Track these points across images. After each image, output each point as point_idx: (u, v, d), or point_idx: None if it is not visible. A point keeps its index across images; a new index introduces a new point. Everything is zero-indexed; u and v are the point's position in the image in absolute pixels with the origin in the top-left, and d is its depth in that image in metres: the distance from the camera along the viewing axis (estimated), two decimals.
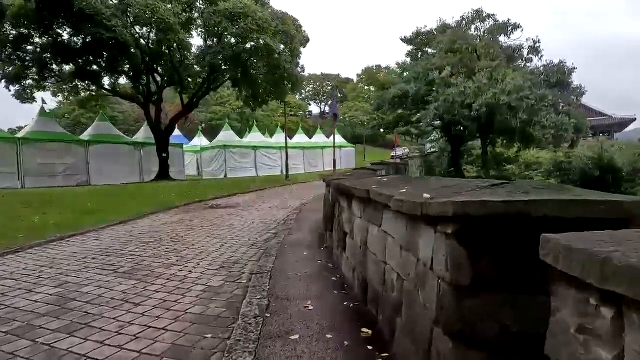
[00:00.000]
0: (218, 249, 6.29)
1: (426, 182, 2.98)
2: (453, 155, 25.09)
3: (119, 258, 5.70)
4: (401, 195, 2.34)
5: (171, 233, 7.83)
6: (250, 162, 28.82)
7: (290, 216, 9.78)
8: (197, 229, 8.32)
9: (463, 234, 1.71)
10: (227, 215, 10.48)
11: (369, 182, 3.83)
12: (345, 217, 4.40)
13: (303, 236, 6.94)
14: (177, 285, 4.39)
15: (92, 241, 7.11)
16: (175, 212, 11.61)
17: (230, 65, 20.17)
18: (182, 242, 6.82)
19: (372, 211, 3.26)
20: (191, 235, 7.57)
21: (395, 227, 2.67)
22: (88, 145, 21.41)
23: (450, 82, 18.07)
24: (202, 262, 5.40)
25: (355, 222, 3.90)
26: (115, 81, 23.26)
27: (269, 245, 6.25)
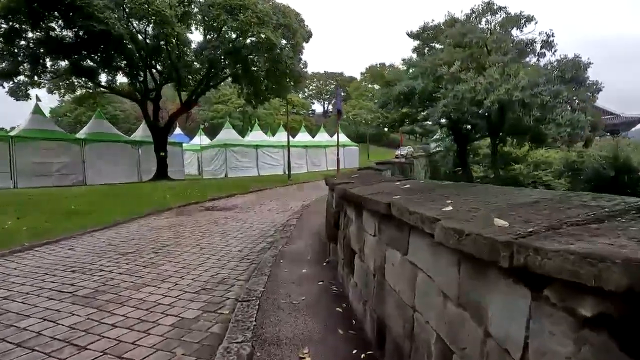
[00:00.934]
0: (204, 262, 5.38)
1: (477, 192, 2.04)
2: (460, 154, 24.10)
3: (84, 275, 4.80)
4: (454, 222, 1.41)
5: (156, 241, 6.93)
6: (252, 161, 27.92)
7: (290, 220, 8.87)
8: (186, 236, 7.42)
9: (623, 324, 0.78)
10: (222, 219, 9.57)
11: (384, 189, 2.91)
12: (353, 231, 3.47)
13: (303, 246, 6.01)
14: (142, 316, 3.48)
15: (63, 251, 6.22)
16: (168, 215, 10.73)
17: (229, 61, 19.28)
18: (164, 253, 5.92)
19: (393, 231, 2.33)
20: (177, 244, 6.66)
21: (435, 263, 1.74)
22: (84, 144, 20.59)
23: (460, 77, 17.06)
24: (180, 282, 4.49)
25: (367, 241, 2.97)
26: (113, 78, 22.41)
27: (262, 259, 5.34)
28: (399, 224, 2.18)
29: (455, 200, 1.86)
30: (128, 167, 22.12)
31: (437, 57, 18.95)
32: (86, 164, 20.57)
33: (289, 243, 6.29)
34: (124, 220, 9.40)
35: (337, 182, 4.29)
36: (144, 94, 20.84)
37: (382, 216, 2.47)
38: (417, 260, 1.98)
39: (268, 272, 4.54)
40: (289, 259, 5.24)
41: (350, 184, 3.93)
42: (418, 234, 1.90)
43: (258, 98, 23.67)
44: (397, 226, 2.23)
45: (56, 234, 7.37)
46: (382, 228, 2.57)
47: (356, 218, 3.31)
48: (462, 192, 2.16)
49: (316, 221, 8.45)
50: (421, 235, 1.85)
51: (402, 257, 2.20)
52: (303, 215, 9.55)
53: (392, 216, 2.16)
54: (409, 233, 2.08)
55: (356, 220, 3.32)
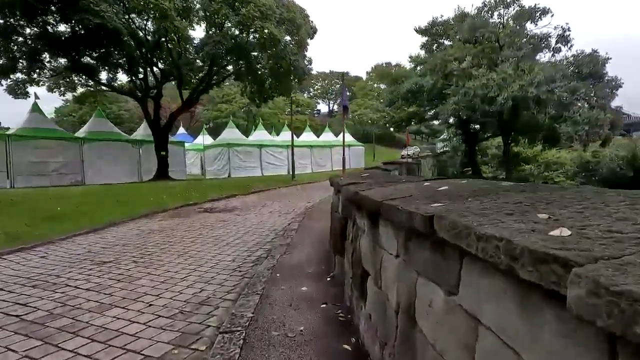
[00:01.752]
0: (188, 275, 4.61)
1: (574, 198, 1.23)
2: (469, 154, 23.20)
3: (45, 292, 4.04)
4: None
5: (140, 248, 6.18)
6: (255, 161, 27.19)
7: (291, 224, 8.08)
8: (176, 242, 6.66)
9: None
10: (219, 223, 8.81)
11: (408, 191, 2.11)
12: (366, 246, 2.68)
13: (304, 256, 5.22)
14: (95, 352, 2.71)
15: (34, 260, 5.49)
16: (162, 218, 9.99)
17: (231, 57, 18.57)
18: (145, 263, 5.16)
19: (430, 255, 1.54)
20: (163, 251, 5.91)
21: (528, 332, 0.94)
22: (83, 143, 19.98)
23: (471, 73, 16.19)
24: (155, 301, 3.72)
25: (387, 262, 2.18)
26: (114, 76, 21.79)
27: (257, 271, 4.55)
28: (441, 247, 1.39)
29: (552, 212, 1.06)
30: (128, 166, 21.49)
31: (447, 53, 18.08)
32: (85, 163, 19.98)
33: (288, 251, 5.50)
34: (112, 223, 8.67)
35: (345, 182, 3.49)
36: (144, 91, 20.19)
37: (411, 231, 1.68)
38: (478, 309, 1.18)
39: (261, 290, 3.75)
40: (287, 272, 4.45)
41: (361, 185, 3.14)
42: (484, 268, 1.11)
43: (262, 96, 22.93)
44: (438, 249, 1.43)
45: (33, 239, 6.65)
46: (411, 248, 1.77)
47: (370, 230, 2.51)
48: (544, 197, 1.35)
49: (320, 225, 7.66)
50: (490, 272, 1.06)
51: (448, 298, 1.41)
52: (306, 219, 8.77)
53: (430, 234, 1.36)
54: (461, 262, 1.29)
55: (370, 233, 2.52)
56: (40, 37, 16.50)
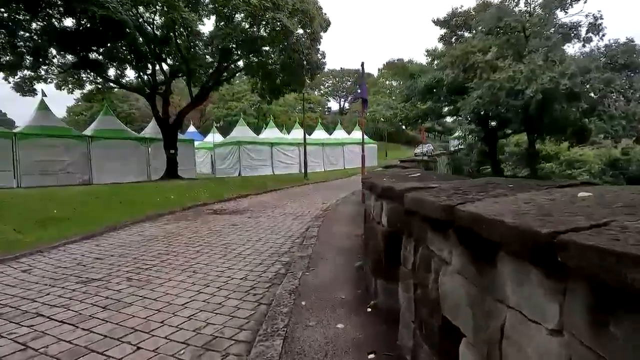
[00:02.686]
0: (191, 300, 3.69)
1: None
2: (490, 151, 21.98)
3: (7, 326, 3.15)
4: None
5: (139, 259, 5.30)
6: (266, 159, 26.32)
7: (310, 230, 7.13)
8: (180, 251, 5.76)
9: None
10: (228, 228, 7.91)
11: (537, 201, 1.14)
12: (459, 290, 1.70)
13: (331, 273, 4.26)
14: None
15: (13, 275, 4.64)
16: (168, 220, 9.15)
17: (242, 51, 17.66)
18: (141, 282, 4.26)
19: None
20: (164, 264, 5.01)
21: None
22: (90, 141, 19.31)
23: (497, 65, 15.03)
24: (144, 343, 2.80)
25: (526, 339, 1.19)
26: (122, 72, 21.09)
27: (274, 296, 3.61)
28: None
29: None
30: (137, 165, 20.76)
31: (469, 45, 16.92)
32: (93, 162, 19.30)
33: (311, 266, 4.55)
34: (112, 227, 7.83)
35: (402, 187, 2.51)
36: (152, 88, 19.42)
37: None
38: None
39: (283, 329, 2.80)
40: (313, 297, 3.50)
41: (430, 191, 2.15)
42: None
43: (273, 93, 22.00)
44: None
45: (19, 247, 5.82)
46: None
47: (471, 267, 1.53)
48: None
49: (343, 232, 6.71)
50: None
51: None
52: (325, 222, 7.82)
53: None
54: None
55: (472, 273, 1.54)
56: (45, 32, 15.80)
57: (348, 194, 13.87)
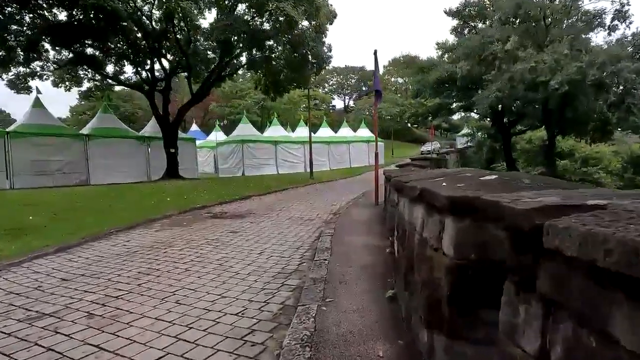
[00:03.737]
0: (164, 352, 2.60)
1: None
2: (504, 148, 20.79)
3: None
4: None
5: (110, 282, 4.23)
6: (270, 158, 25.25)
7: (321, 239, 6.04)
8: (164, 270, 4.69)
9: None
10: (227, 236, 6.83)
11: None
12: None
13: (356, 307, 3.16)
14: None
15: None
16: (160, 226, 8.09)
17: (244, 44, 16.58)
18: (105, 319, 3.18)
19: None
20: (141, 290, 3.93)
21: None
22: (87, 140, 18.34)
23: (517, 55, 13.84)
24: None
25: None
26: (120, 69, 20.09)
27: (280, 352, 2.51)
28: None
29: None
30: (136, 165, 19.78)
31: (486, 35, 15.73)
32: (90, 162, 18.34)
33: (328, 296, 3.44)
34: (95, 236, 6.77)
35: (465, 193, 1.40)
36: (151, 84, 18.40)
37: None
38: None
39: None
40: (336, 353, 2.40)
41: (579, 211, 1.04)
42: None
43: (277, 89, 20.90)
44: None
45: None
46: None
47: None
48: None
49: (360, 241, 5.61)
50: None
51: None
52: (338, 230, 6.71)
53: None
54: None
55: None
56: (36, 24, 14.82)
57: (358, 195, 12.77)
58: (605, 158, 27.74)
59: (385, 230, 6.55)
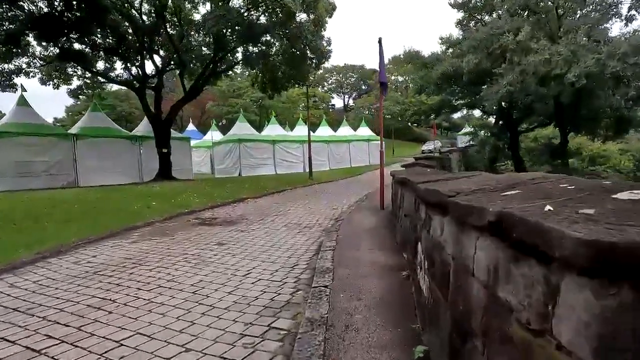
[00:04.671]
0: None
1: None
2: (511, 146, 19.77)
3: None
4: None
5: (43, 324, 3.20)
6: (268, 158, 24.20)
7: (321, 254, 5.02)
8: (121, 300, 3.66)
9: None
10: (211, 249, 5.82)
11: None
12: None
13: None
14: None
15: None
16: (139, 236, 7.07)
17: (238, 37, 15.52)
18: None
19: None
20: (79, 337, 2.90)
21: None
22: (75, 140, 17.27)
23: (529, 47, 12.83)
24: None
25: None
26: (111, 65, 19.01)
27: None
28: None
29: None
30: (128, 166, 18.72)
31: (494, 26, 14.70)
32: (78, 163, 17.26)
33: (331, 355, 2.42)
34: (56, 250, 5.75)
35: None
36: (141, 81, 17.34)
37: None
38: None
39: None
40: None
41: None
42: None
43: (275, 86, 19.84)
44: None
45: None
46: None
47: None
48: None
49: (368, 259, 4.58)
50: None
51: None
52: (341, 242, 5.69)
53: None
54: None
55: None
56: (16, 16, 13.76)
57: (360, 197, 11.75)
58: (613, 156, 26.77)
59: (395, 242, 5.54)
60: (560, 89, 13.82)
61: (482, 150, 27.84)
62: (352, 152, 30.31)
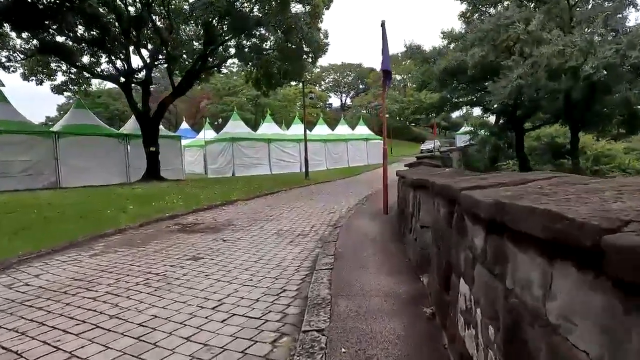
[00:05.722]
0: None
1: None
2: (517, 145, 18.74)
3: None
4: None
5: None
6: (263, 157, 23.13)
7: (316, 275, 3.96)
8: (33, 353, 2.58)
9: None
10: (182, 266, 4.74)
11: None
12: None
13: None
14: None
15: None
16: (103, 247, 5.98)
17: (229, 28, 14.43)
18: None
19: None
20: None
21: None
22: (57, 138, 16.09)
23: (541, 37, 11.82)
24: None
25: None
26: (97, 60, 17.86)
27: None
28: None
29: None
30: (114, 165, 17.56)
31: (502, 16, 13.69)
32: (61, 162, 16.09)
33: None
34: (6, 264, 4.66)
35: None
36: (127, 75, 16.20)
37: None
38: None
39: None
40: None
41: None
42: None
43: (269, 82, 18.74)
44: None
45: None
46: None
47: None
48: None
49: (375, 285, 3.51)
50: None
51: None
52: (339, 257, 4.61)
53: None
54: None
55: None
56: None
57: (360, 200, 10.68)
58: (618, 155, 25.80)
59: (406, 258, 4.47)
60: (572, 83, 12.83)
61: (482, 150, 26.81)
62: (350, 151, 29.28)
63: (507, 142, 23.43)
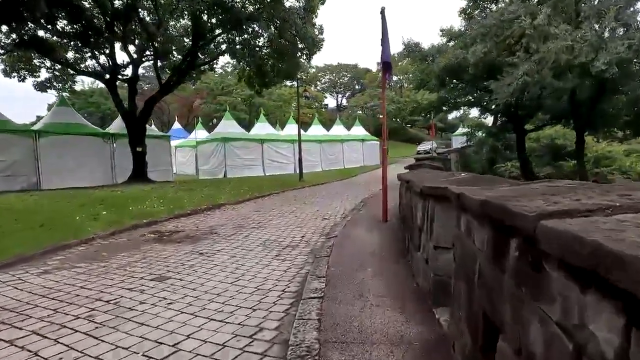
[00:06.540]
0: None
1: None
2: (518, 147, 18.00)
3: None
4: None
5: None
6: (256, 158, 22.23)
7: (304, 306, 3.12)
8: None
9: None
10: (143, 289, 3.89)
11: None
12: None
13: None
14: None
15: None
16: (59, 262, 5.12)
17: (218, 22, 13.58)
18: None
19: None
20: None
21: None
22: (38, 137, 15.13)
23: (549, 32, 11.07)
24: None
25: None
26: (82, 56, 16.89)
27: None
28: None
29: None
30: (99, 166, 16.60)
31: (505, 11, 12.94)
32: (42, 163, 15.11)
33: None
34: None
35: None
36: (111, 72, 15.27)
37: None
38: None
39: None
40: None
41: None
42: None
43: (262, 80, 17.87)
44: None
45: None
46: None
47: None
48: None
49: (379, 320, 2.66)
50: None
51: None
52: (334, 276, 3.78)
53: None
54: None
55: None
56: None
57: (357, 205, 9.84)
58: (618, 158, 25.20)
59: (414, 282, 3.65)
60: (579, 81, 12.10)
61: (479, 151, 26.14)
62: (346, 152, 28.45)
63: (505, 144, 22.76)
